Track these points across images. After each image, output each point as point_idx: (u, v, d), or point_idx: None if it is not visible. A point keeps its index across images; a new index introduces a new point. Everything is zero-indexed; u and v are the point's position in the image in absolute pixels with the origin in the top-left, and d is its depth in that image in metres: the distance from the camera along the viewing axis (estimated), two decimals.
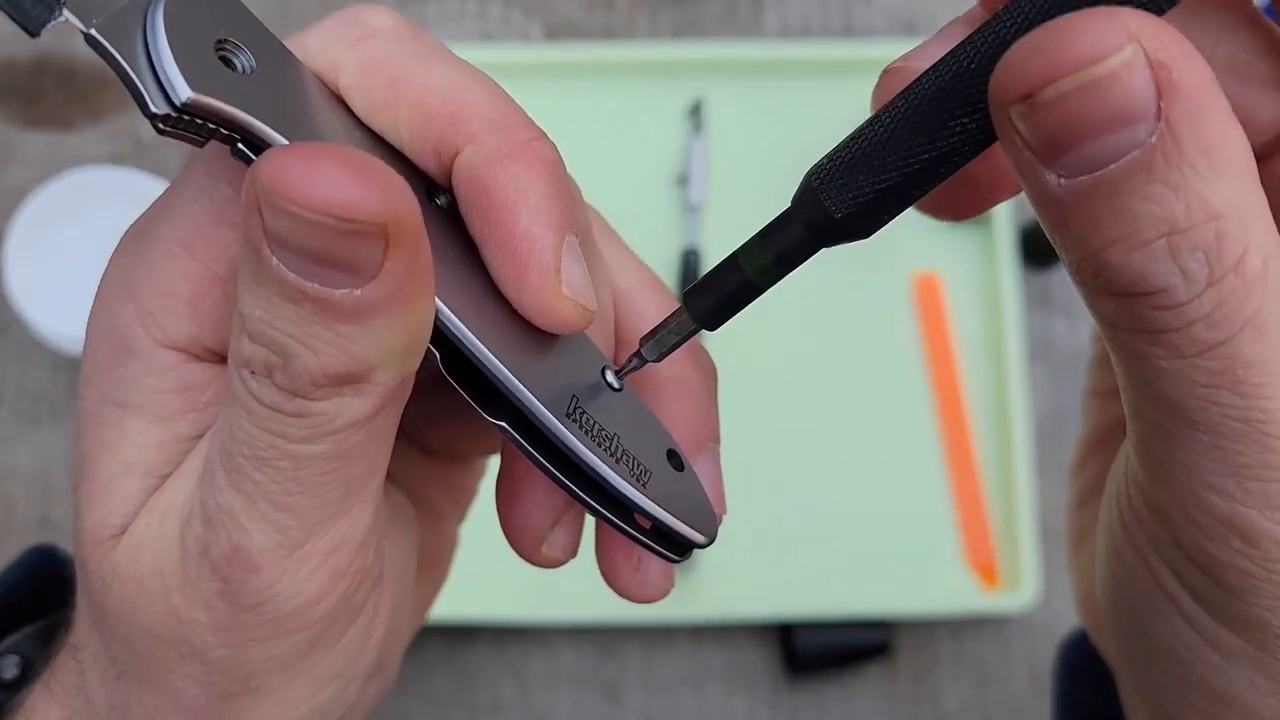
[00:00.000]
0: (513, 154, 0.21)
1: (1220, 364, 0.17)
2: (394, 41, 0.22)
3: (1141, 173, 0.16)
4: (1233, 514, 0.18)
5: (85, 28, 0.18)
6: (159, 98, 0.18)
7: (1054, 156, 0.16)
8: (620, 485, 0.22)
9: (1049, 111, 0.16)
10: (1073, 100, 0.16)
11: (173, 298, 0.21)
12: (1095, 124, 0.16)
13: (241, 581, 0.20)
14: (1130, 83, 0.15)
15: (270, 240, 0.17)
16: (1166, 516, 0.19)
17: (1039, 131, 0.16)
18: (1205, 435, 0.17)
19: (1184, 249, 0.16)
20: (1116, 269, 0.17)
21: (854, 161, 0.19)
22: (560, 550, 0.24)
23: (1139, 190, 0.16)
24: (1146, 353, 0.17)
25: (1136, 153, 0.16)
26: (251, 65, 0.20)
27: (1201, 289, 0.16)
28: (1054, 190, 0.17)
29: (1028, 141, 0.16)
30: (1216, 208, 0.16)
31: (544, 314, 0.21)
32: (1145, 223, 0.16)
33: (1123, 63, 0.15)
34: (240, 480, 0.19)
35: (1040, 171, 0.17)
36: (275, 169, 0.16)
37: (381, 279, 0.17)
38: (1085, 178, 0.16)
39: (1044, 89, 0.16)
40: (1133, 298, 0.17)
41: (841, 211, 0.19)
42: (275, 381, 0.18)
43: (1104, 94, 0.15)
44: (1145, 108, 0.15)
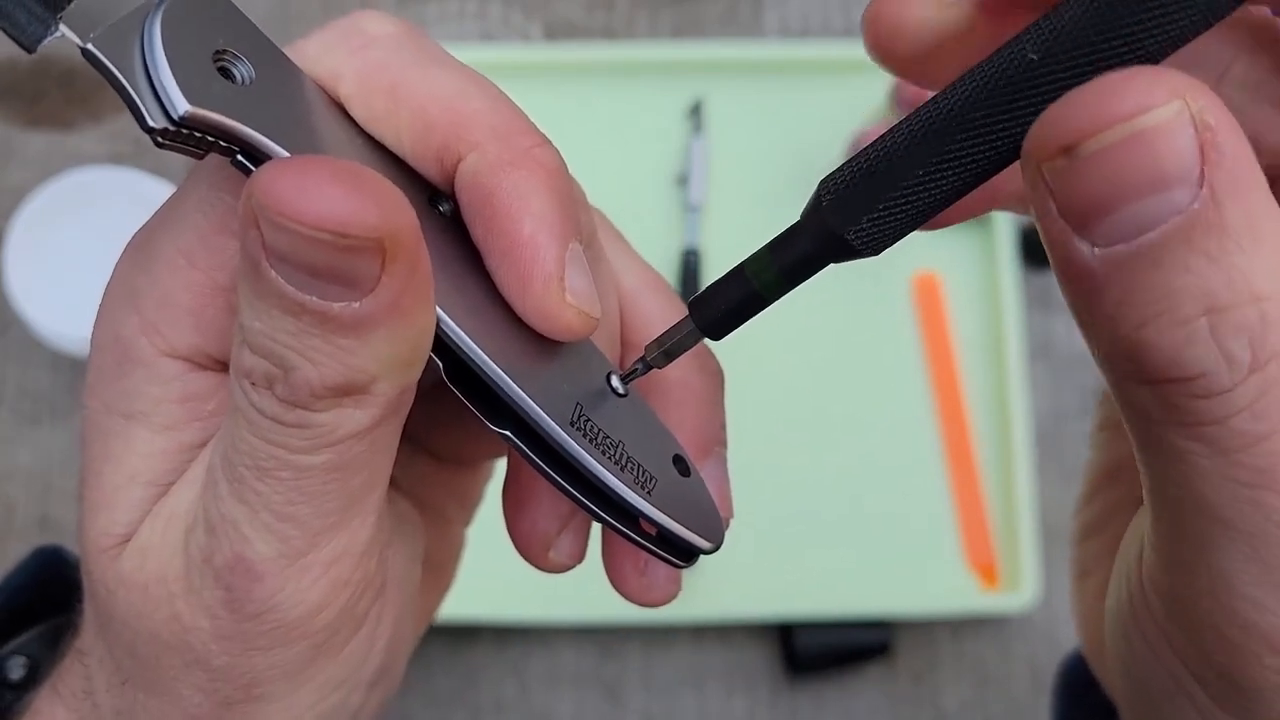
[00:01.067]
0: (515, 161, 0.21)
1: (1265, 461, 0.15)
2: (394, 49, 0.22)
3: (1182, 242, 0.15)
4: (1270, 630, 0.17)
5: (82, 42, 0.18)
6: (156, 112, 0.18)
7: (1089, 222, 0.15)
8: (625, 493, 0.22)
9: (1088, 168, 0.15)
10: (1114, 155, 0.15)
11: (175, 308, 0.21)
12: (1135, 185, 0.15)
13: (244, 590, 0.20)
14: (1175, 140, 0.15)
15: (268, 254, 0.17)
16: (1187, 619, 0.18)
17: (1075, 192, 0.15)
18: (1243, 541, 0.16)
19: (1226, 329, 0.15)
20: (1152, 349, 0.15)
21: (865, 178, 0.19)
22: (567, 556, 0.24)
23: (1179, 262, 0.15)
24: (1183, 449, 0.16)
25: (1178, 219, 0.15)
26: (251, 75, 0.20)
27: (1244, 375, 0.15)
28: (1086, 261, 0.16)
29: (1063, 205, 0.15)
30: (1261, 289, 0.15)
31: (548, 322, 0.21)
32: (1185, 297, 0.15)
33: (1168, 118, 0.15)
34: (243, 490, 0.19)
35: (1072, 240, 0.16)
36: (270, 185, 0.16)
37: (379, 292, 0.17)
38: (1121, 246, 0.15)
39: (1086, 142, 0.15)
40: (1170, 384, 0.15)
41: (850, 228, 0.19)
42: (276, 393, 0.18)
43: (1148, 150, 0.15)
44: (1189, 169, 0.15)
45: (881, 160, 0.19)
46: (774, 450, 0.64)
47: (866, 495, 0.64)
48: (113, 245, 0.21)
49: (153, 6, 0.18)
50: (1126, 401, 0.17)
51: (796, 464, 0.65)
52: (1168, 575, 0.18)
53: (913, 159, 0.18)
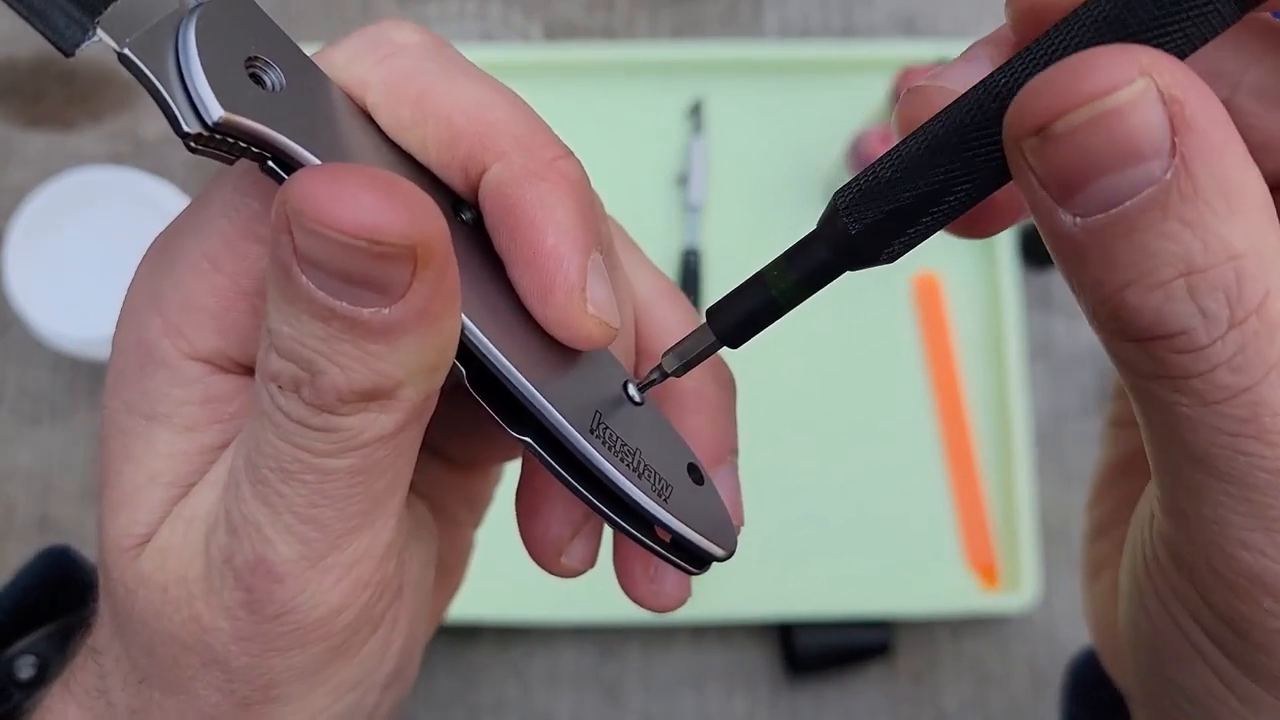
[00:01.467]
0: (540, 172, 0.21)
1: (1246, 411, 0.16)
2: (420, 58, 0.22)
3: (1157, 210, 0.15)
4: (1264, 571, 0.17)
5: (119, 47, 0.18)
6: (191, 117, 0.18)
7: (1068, 195, 0.16)
8: (643, 501, 0.22)
9: (1061, 146, 0.16)
10: (1084, 134, 0.15)
11: (199, 311, 0.21)
12: (1108, 159, 0.15)
13: (265, 591, 0.20)
14: (1142, 116, 0.15)
15: (300, 260, 0.17)
16: (1193, 572, 0.19)
17: (1052, 168, 0.16)
18: (1233, 488, 0.17)
19: (1203, 289, 0.16)
20: (1134, 310, 0.16)
21: (879, 188, 0.19)
22: (579, 561, 0.25)
23: (1155, 228, 0.16)
24: (1170, 400, 0.17)
25: (1152, 189, 0.15)
26: (281, 82, 0.20)
27: (1223, 331, 0.16)
28: (1069, 230, 0.16)
29: (1042, 180, 0.16)
30: (1236, 247, 0.16)
31: (568, 331, 0.21)
32: (1162, 261, 0.16)
33: (1134, 95, 0.15)
34: (266, 492, 0.20)
35: (1055, 212, 0.16)
36: (305, 191, 0.17)
37: (409, 299, 0.18)
38: (1100, 216, 0.16)
39: (1055, 122, 0.16)
40: (1153, 341, 0.16)
41: (865, 237, 0.20)
42: (302, 396, 0.19)
43: (1116, 127, 0.15)
44: (1159, 142, 0.15)
45: (892, 168, 0.19)
46: (774, 450, 0.64)
47: (867, 495, 0.64)
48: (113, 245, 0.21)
49: (186, 12, 0.19)
50: (1117, 357, 0.18)
51: (796, 464, 0.65)
52: (1172, 528, 0.19)
53: (922, 166, 0.19)
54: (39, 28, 0.18)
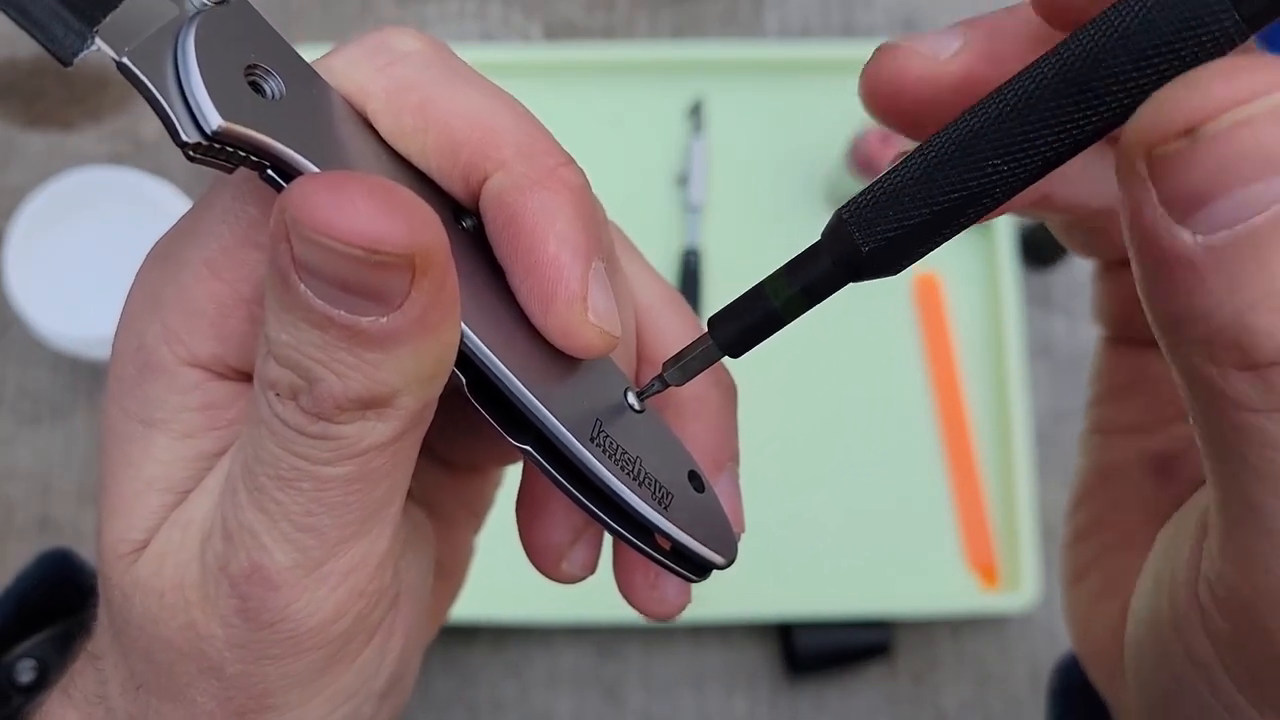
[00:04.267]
0: (541, 181, 0.21)
1: None
2: (421, 66, 0.22)
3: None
4: None
5: (118, 56, 0.18)
6: (190, 126, 0.18)
7: (1193, 209, 0.15)
8: (644, 509, 0.22)
9: (1204, 152, 0.15)
10: (1232, 138, 0.15)
11: (198, 317, 0.21)
12: (1248, 169, 0.15)
13: (259, 599, 0.20)
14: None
15: (298, 268, 0.17)
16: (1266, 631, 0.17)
17: (1185, 178, 0.15)
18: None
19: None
20: (1259, 333, 0.15)
21: (885, 199, 0.19)
22: (580, 567, 0.25)
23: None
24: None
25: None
26: (281, 91, 0.20)
27: None
28: (1187, 249, 0.15)
29: (1166, 193, 0.15)
30: None
31: (569, 340, 0.21)
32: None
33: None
34: (262, 499, 0.19)
35: (1172, 229, 0.15)
36: (303, 199, 0.17)
37: (407, 308, 0.18)
38: (1225, 233, 0.15)
39: (1208, 124, 0.15)
40: (1273, 368, 0.15)
41: (870, 248, 0.19)
42: (300, 404, 0.18)
43: (1263, 134, 0.15)
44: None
45: (900, 179, 0.19)
46: (774, 450, 0.64)
47: (866, 495, 0.64)
48: (113, 245, 0.21)
49: (185, 21, 0.19)
50: (1216, 393, 0.16)
51: (796, 464, 0.65)
52: (1245, 582, 0.18)
53: (930, 177, 0.19)
54: (37, 37, 0.18)
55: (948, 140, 0.19)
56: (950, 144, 0.18)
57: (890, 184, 0.19)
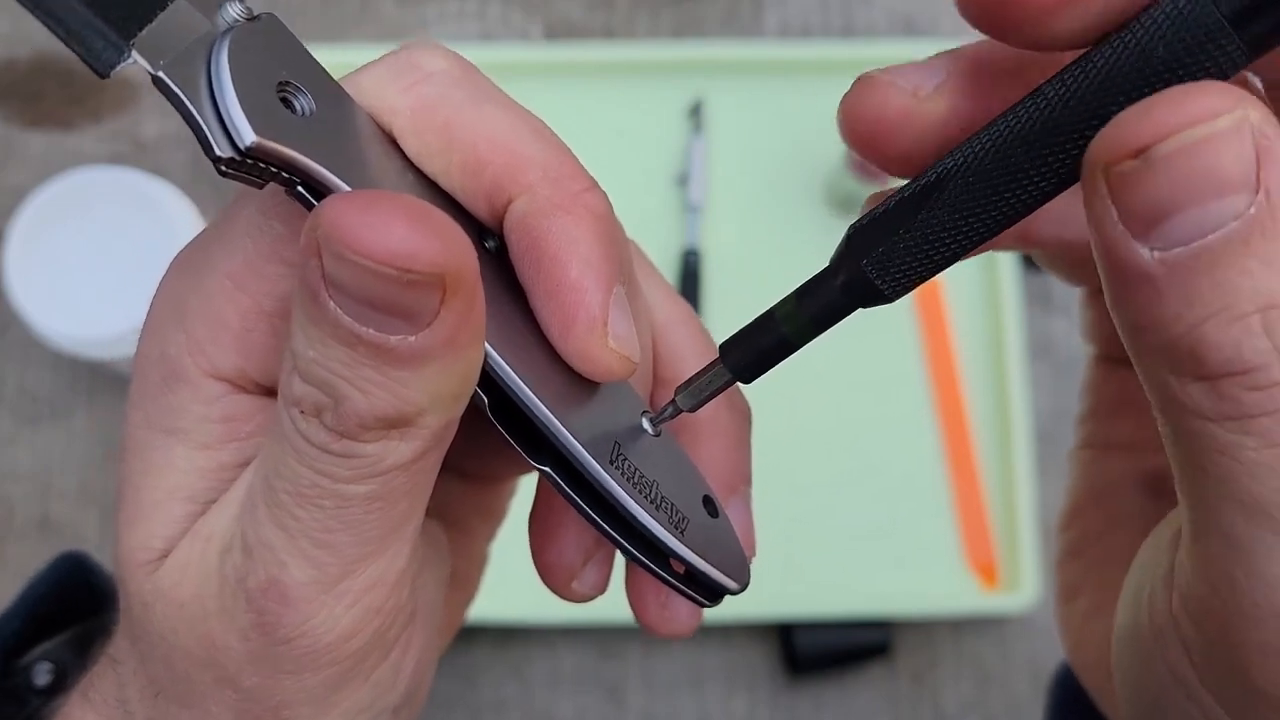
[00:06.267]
0: (565, 205, 0.21)
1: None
2: (448, 85, 0.22)
3: (1240, 245, 0.15)
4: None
5: (153, 70, 0.18)
6: (223, 141, 0.18)
7: (1150, 227, 0.16)
8: (661, 534, 0.22)
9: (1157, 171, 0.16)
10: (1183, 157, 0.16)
11: (221, 330, 0.21)
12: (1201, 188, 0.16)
13: (276, 614, 0.20)
14: (1238, 146, 0.15)
15: (328, 285, 0.17)
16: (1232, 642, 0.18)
17: (1140, 196, 0.16)
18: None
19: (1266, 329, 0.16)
20: (1211, 345, 0.16)
21: (891, 227, 0.19)
22: (591, 587, 0.25)
23: (1236, 263, 0.16)
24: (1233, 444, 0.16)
25: (1236, 224, 0.15)
26: (311, 108, 0.20)
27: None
28: (1146, 265, 0.16)
29: (1125, 210, 0.16)
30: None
31: (589, 364, 0.21)
32: (1242, 296, 0.16)
33: (1232, 123, 0.15)
34: (281, 516, 0.20)
35: (1132, 245, 0.16)
36: (337, 218, 0.17)
37: (436, 327, 0.18)
38: (1181, 250, 0.16)
39: (1159, 144, 0.16)
40: (1225, 379, 0.16)
41: (878, 276, 0.20)
42: (324, 422, 0.19)
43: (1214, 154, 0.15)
44: (1248, 175, 0.15)
45: (906, 207, 0.19)
46: (774, 450, 0.64)
47: (866, 495, 0.64)
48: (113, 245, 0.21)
49: (219, 35, 0.19)
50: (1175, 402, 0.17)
51: (796, 464, 0.65)
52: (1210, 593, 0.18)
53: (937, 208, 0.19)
54: (75, 49, 0.18)
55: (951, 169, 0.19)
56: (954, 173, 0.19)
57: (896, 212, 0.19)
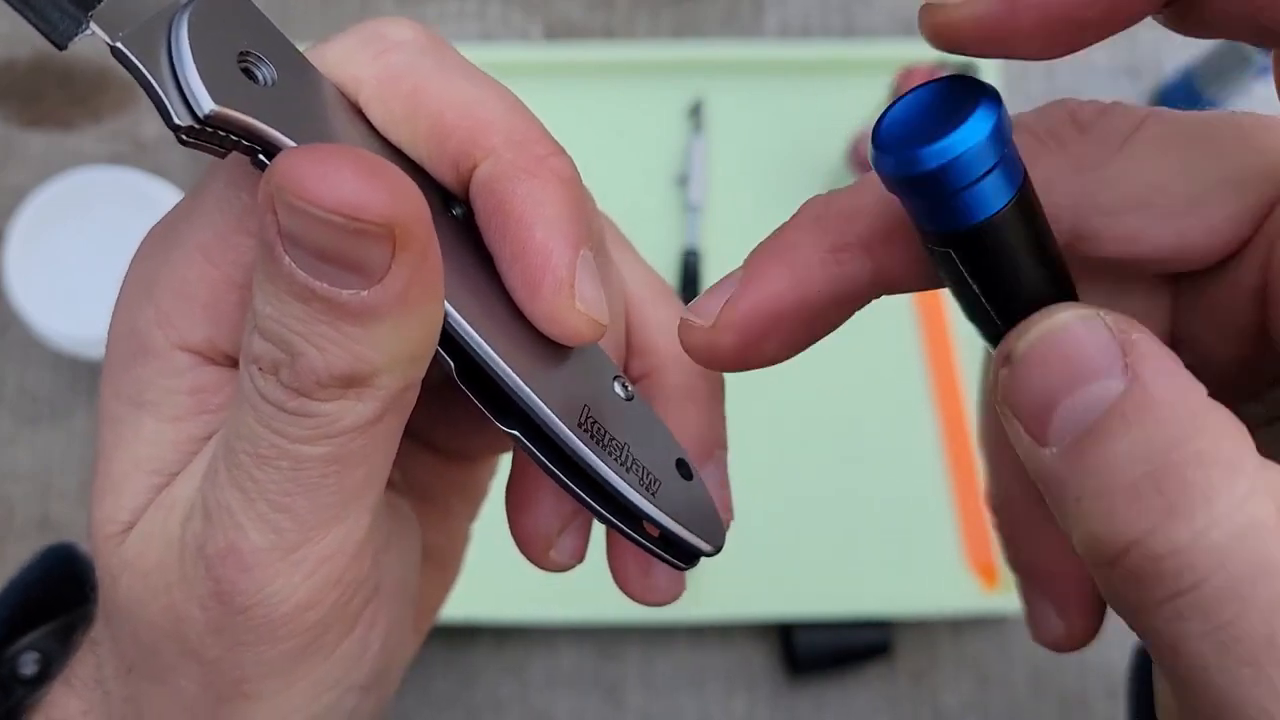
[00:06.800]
0: (530, 169, 0.21)
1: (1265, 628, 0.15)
2: (414, 54, 0.22)
3: (1119, 422, 0.16)
4: None
5: (111, 40, 0.18)
6: (182, 109, 0.18)
7: (1042, 426, 0.17)
8: (630, 494, 0.22)
9: (1026, 371, 0.17)
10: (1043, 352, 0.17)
11: (190, 301, 0.21)
12: (1069, 377, 0.17)
13: (232, 581, 0.20)
14: (1094, 334, 0.17)
15: (283, 239, 0.17)
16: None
17: (1023, 399, 0.17)
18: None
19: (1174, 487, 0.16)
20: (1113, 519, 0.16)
21: None
22: (568, 555, 0.25)
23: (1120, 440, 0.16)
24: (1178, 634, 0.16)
25: (1112, 403, 0.17)
26: (273, 77, 0.20)
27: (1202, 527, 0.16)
28: (1050, 465, 0.17)
29: (1022, 419, 0.17)
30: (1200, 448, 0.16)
31: (556, 326, 0.21)
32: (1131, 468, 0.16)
33: (1082, 315, 0.17)
34: (240, 477, 0.20)
35: (1038, 453, 0.17)
36: (288, 168, 0.17)
37: (388, 282, 0.18)
38: (1071, 440, 0.17)
39: (1016, 345, 0.18)
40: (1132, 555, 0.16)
41: None
42: (281, 379, 0.19)
43: (1071, 344, 0.17)
44: (1113, 358, 0.17)
45: None
46: (774, 450, 0.64)
47: (866, 495, 0.64)
48: (113, 245, 0.21)
49: (179, 7, 0.19)
50: (1118, 598, 0.17)
51: (796, 464, 0.65)
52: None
53: None
54: (33, 21, 0.18)
55: None
56: None
57: None
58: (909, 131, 0.18)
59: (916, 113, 0.18)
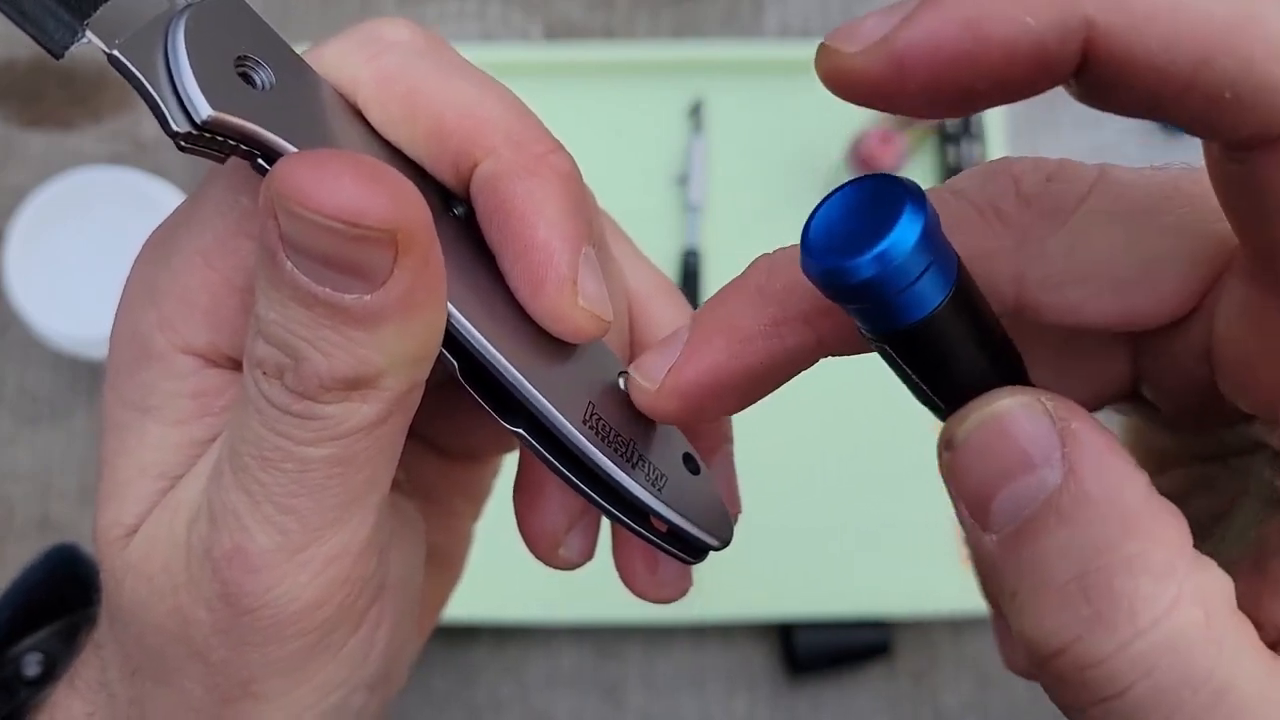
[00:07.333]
0: (530, 167, 0.21)
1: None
2: (412, 55, 0.22)
3: (1052, 515, 0.16)
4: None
5: (108, 49, 0.18)
6: (180, 116, 0.18)
7: (983, 513, 0.17)
8: (636, 490, 0.22)
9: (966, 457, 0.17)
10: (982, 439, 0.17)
11: (192, 306, 0.21)
12: (1007, 466, 0.17)
13: (239, 583, 0.20)
14: (1032, 423, 0.17)
15: (284, 244, 0.17)
16: None
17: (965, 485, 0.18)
18: None
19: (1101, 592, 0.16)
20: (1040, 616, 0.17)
21: None
22: (577, 553, 0.25)
23: (1052, 534, 0.16)
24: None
25: (1046, 495, 0.16)
26: (271, 81, 0.20)
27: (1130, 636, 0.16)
28: (989, 550, 0.17)
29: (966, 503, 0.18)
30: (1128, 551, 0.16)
31: (559, 324, 0.21)
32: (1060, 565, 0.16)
33: (1022, 402, 0.17)
34: (246, 480, 0.20)
35: (980, 537, 0.17)
36: (288, 175, 0.17)
37: (390, 286, 0.18)
38: (1009, 529, 0.17)
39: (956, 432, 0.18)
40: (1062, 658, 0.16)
41: None
42: (285, 383, 0.19)
43: (1010, 431, 0.17)
44: (1051, 448, 0.17)
45: None
46: (773, 450, 0.64)
47: (867, 495, 0.64)
48: (113, 245, 0.21)
49: (175, 13, 0.19)
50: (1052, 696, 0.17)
51: (796, 464, 0.65)
52: None
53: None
54: (29, 30, 0.18)
55: None
56: None
57: None
58: (837, 239, 0.18)
59: (843, 216, 0.19)
